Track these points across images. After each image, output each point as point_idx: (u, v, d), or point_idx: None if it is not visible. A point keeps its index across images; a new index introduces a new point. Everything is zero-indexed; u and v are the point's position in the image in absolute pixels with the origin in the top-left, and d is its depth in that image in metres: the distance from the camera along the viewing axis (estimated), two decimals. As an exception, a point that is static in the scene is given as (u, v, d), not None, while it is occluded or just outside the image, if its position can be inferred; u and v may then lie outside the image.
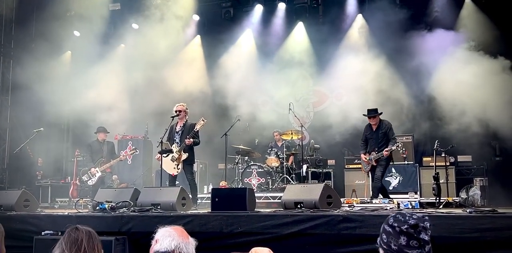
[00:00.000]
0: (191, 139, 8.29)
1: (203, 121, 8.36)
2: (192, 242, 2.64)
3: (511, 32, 10.54)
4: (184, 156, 8.36)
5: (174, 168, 8.39)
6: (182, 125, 8.60)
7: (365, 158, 8.64)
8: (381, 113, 8.73)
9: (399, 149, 8.31)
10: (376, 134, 8.62)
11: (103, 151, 10.42)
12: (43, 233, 6.75)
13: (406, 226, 2.02)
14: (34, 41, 13.41)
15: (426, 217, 2.09)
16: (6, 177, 12.58)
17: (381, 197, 8.39)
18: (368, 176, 9.06)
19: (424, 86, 10.94)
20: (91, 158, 10.32)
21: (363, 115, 8.87)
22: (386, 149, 8.25)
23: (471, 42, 10.48)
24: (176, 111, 8.52)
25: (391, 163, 9.98)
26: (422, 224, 2.02)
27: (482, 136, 10.19)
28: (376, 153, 8.43)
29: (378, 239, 2.13)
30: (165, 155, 8.36)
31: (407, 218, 2.06)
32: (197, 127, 8.33)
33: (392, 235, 2.04)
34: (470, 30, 10.79)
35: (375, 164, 8.48)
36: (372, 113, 8.65)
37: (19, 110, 13.10)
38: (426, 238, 2.02)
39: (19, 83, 13.37)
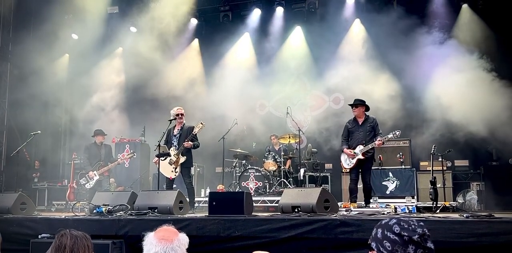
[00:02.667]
0: (190, 142, 8.29)
1: (202, 124, 8.35)
2: (178, 242, 2.58)
3: (508, 37, 10.60)
4: (182, 159, 8.35)
5: (172, 171, 8.38)
6: (179, 128, 8.59)
7: (351, 152, 8.11)
8: (368, 108, 8.39)
9: (395, 136, 7.99)
10: (363, 127, 8.21)
11: (101, 155, 10.39)
12: (39, 236, 6.74)
13: (417, 236, 2.01)
14: (32, 43, 13.41)
15: (422, 223, 2.09)
16: (2, 180, 12.56)
17: (377, 200, 8.39)
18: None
19: (421, 91, 10.98)
20: (88, 161, 10.28)
21: (348, 104, 8.52)
22: (379, 138, 7.91)
23: (468, 48, 10.53)
24: (177, 115, 8.52)
25: (386, 167, 10.04)
26: (427, 232, 2.02)
27: (479, 141, 10.22)
28: (364, 146, 8.03)
29: (374, 245, 2.11)
30: (162, 158, 8.36)
31: (413, 226, 2.04)
32: (196, 130, 8.33)
33: (399, 243, 2.01)
34: (467, 35, 10.84)
35: (362, 157, 8.00)
36: (357, 101, 8.29)
37: (16, 112, 13.09)
38: (432, 246, 2.01)
39: (16, 85, 13.38)
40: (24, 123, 12.66)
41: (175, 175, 8.40)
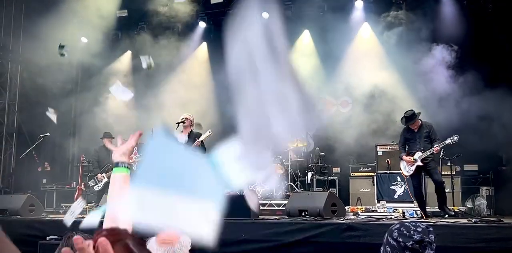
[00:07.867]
0: (199, 142, 8.24)
1: (209, 133, 8.34)
2: (179, 245, 2.54)
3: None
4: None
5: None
6: (187, 134, 8.61)
7: (410, 159, 8.03)
8: (419, 113, 8.28)
9: (453, 142, 7.81)
10: (419, 134, 8.16)
11: (110, 157, 10.39)
12: (47, 238, 6.78)
13: (411, 242, 1.98)
14: (42, 46, 13.51)
15: (431, 228, 2.06)
16: (12, 182, 12.63)
17: (385, 205, 8.34)
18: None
19: (430, 95, 10.90)
20: (97, 164, 10.32)
21: (404, 124, 8.31)
22: (437, 145, 7.81)
23: (476, 51, 10.48)
24: (182, 119, 8.54)
25: (394, 171, 9.98)
26: (427, 239, 1.99)
27: (489, 146, 10.13)
28: (423, 152, 7.94)
29: (382, 249, 2.11)
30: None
31: (412, 232, 2.02)
32: (203, 136, 8.31)
33: (396, 249, 2.01)
34: (475, 38, 10.80)
35: (421, 164, 7.92)
36: (411, 120, 8.11)
37: (26, 115, 13.18)
38: None
39: (26, 88, 13.48)
40: (34, 126, 12.75)
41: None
